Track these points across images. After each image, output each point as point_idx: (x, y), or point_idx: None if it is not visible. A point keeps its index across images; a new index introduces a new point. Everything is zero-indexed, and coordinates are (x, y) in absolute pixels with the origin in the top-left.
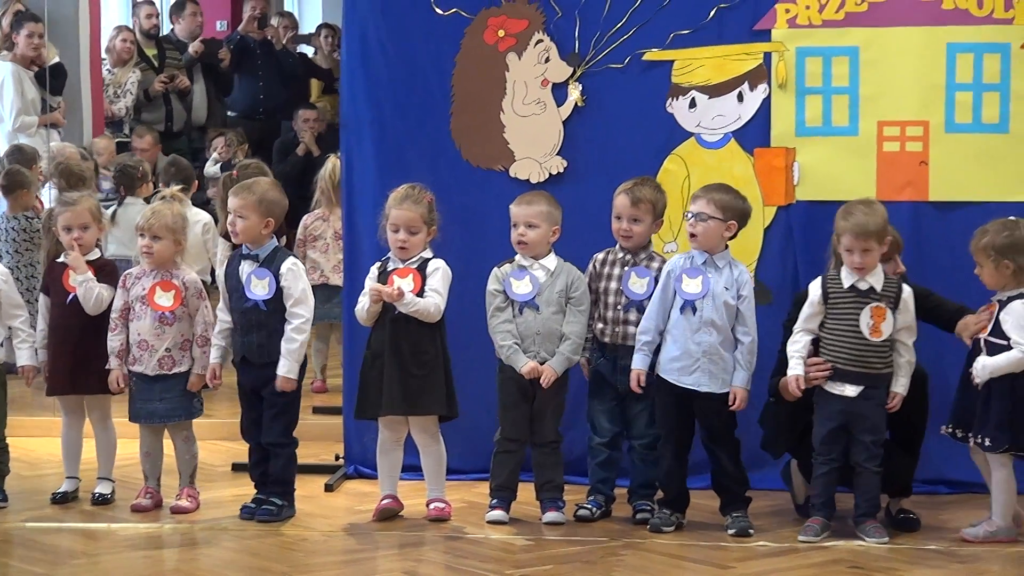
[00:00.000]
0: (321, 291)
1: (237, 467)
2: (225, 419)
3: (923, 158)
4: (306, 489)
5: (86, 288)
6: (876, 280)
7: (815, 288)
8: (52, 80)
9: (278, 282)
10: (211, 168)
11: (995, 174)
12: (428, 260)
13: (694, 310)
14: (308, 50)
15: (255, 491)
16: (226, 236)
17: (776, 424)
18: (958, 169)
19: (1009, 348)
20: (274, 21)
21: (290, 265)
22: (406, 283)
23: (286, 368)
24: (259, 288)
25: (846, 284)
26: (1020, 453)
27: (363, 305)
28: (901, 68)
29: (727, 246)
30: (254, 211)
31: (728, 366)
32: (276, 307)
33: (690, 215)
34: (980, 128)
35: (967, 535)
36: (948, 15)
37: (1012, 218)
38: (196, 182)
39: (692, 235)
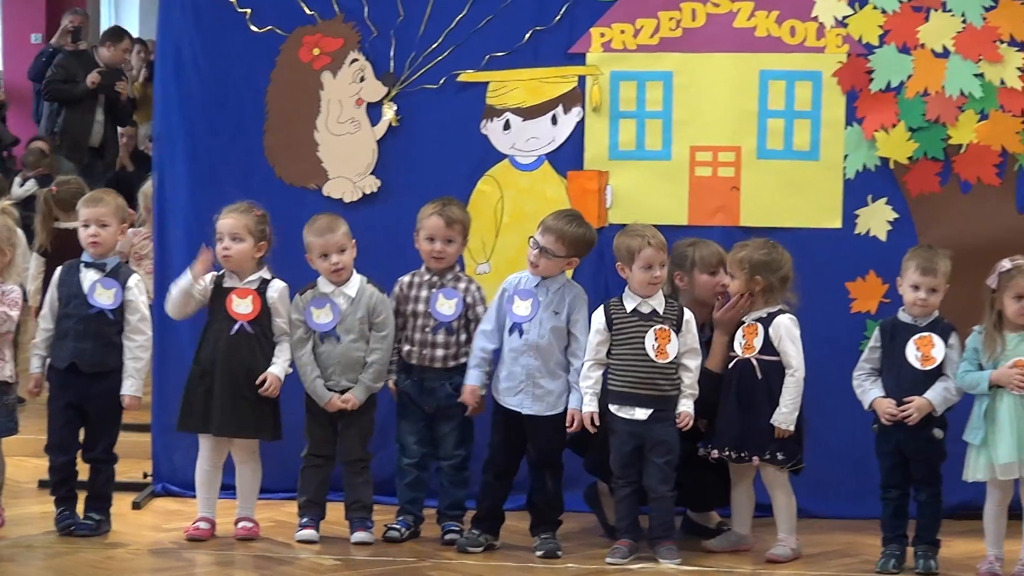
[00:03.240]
0: None
1: (44, 484)
2: (32, 435)
3: (735, 183)
4: (114, 507)
5: None
6: (658, 303)
7: (599, 316)
8: None
9: (124, 295)
10: (17, 191)
11: (805, 200)
12: (268, 281)
13: (521, 332)
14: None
15: (56, 506)
16: (42, 252)
17: (603, 447)
18: (769, 195)
19: (778, 360)
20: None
21: (137, 280)
22: (245, 305)
23: (135, 388)
24: (105, 297)
25: (629, 308)
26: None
27: (183, 286)
28: (714, 94)
29: (563, 270)
30: (114, 218)
31: (555, 389)
32: (116, 318)
33: (535, 244)
34: (791, 155)
35: (777, 555)
36: (761, 43)
37: (771, 241)
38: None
39: (533, 264)
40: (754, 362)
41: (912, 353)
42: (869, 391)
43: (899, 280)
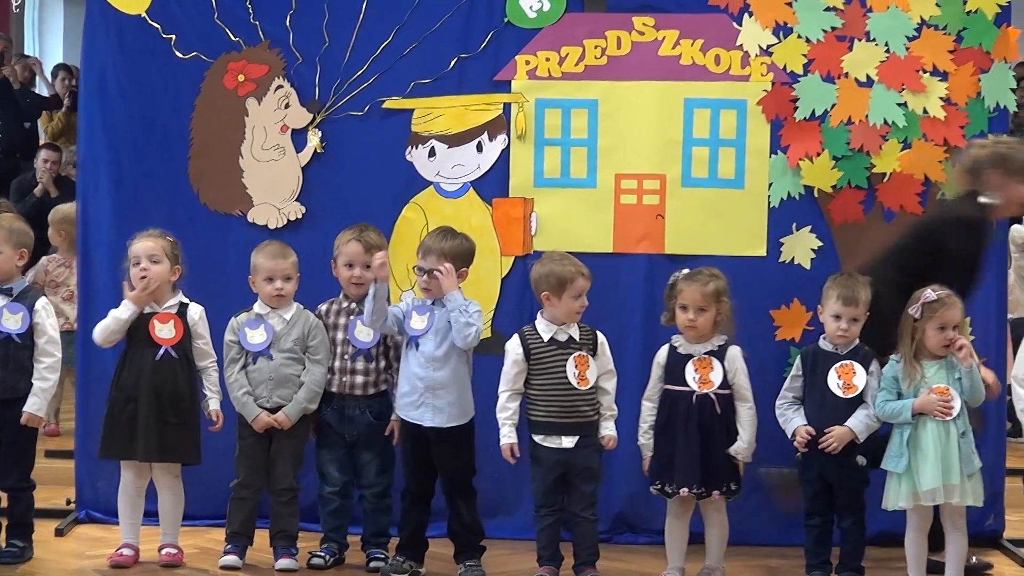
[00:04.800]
0: (63, 336)
1: None
2: None
3: (660, 211)
4: (37, 533)
5: None
6: (573, 330)
7: (514, 346)
8: None
9: (31, 318)
10: None
11: (730, 229)
12: (186, 305)
13: (417, 346)
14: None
15: None
16: None
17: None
18: (694, 223)
19: (730, 392)
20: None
21: (44, 303)
22: (167, 330)
23: (36, 406)
24: (12, 322)
25: (545, 337)
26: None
27: (127, 317)
28: (639, 122)
29: (459, 287)
30: (7, 243)
31: (454, 399)
32: (26, 342)
33: (421, 272)
34: (716, 183)
35: None
36: (686, 71)
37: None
38: None
39: (426, 290)
40: (713, 397)
41: (834, 381)
42: (792, 419)
43: (820, 308)
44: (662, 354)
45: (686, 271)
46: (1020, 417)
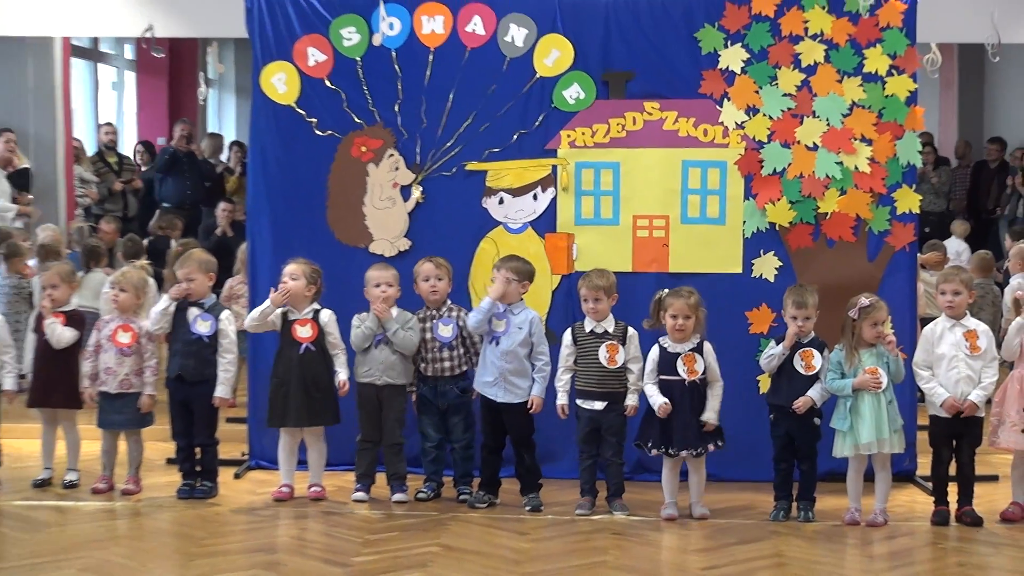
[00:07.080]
0: (240, 335)
1: (170, 461)
2: (160, 425)
3: (665, 242)
4: (221, 477)
5: (50, 330)
6: (609, 325)
7: (567, 335)
8: (21, 179)
9: (217, 325)
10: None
11: (715, 253)
12: (319, 311)
13: (497, 343)
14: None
15: (183, 479)
16: None
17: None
18: (689, 249)
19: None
20: (203, 143)
21: (228, 315)
22: (305, 330)
23: (225, 392)
24: (203, 327)
25: (587, 329)
26: (710, 448)
27: (264, 308)
28: (649, 177)
29: (522, 298)
30: (200, 271)
31: (523, 384)
32: (211, 343)
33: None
34: (705, 221)
35: (704, 514)
36: (683, 140)
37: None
38: (145, 254)
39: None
40: (699, 382)
41: (798, 363)
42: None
43: (783, 311)
44: (655, 352)
45: (667, 290)
46: (923, 388)
